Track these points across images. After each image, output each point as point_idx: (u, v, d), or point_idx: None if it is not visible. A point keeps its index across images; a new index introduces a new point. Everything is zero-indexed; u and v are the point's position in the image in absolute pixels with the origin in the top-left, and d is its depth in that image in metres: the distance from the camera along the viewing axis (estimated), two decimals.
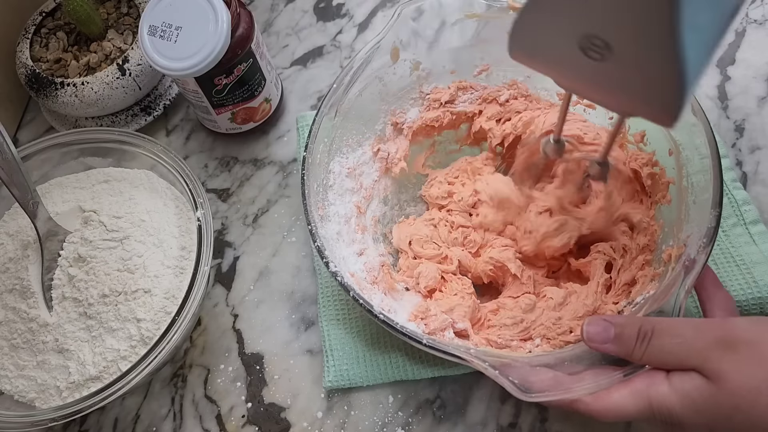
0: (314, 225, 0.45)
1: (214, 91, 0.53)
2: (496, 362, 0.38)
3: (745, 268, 0.47)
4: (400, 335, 0.40)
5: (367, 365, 0.48)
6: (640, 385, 0.35)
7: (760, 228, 0.49)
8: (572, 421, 0.46)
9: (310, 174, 0.47)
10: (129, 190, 0.52)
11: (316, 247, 0.44)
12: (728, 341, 0.33)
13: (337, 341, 0.49)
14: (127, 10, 0.62)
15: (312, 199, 0.46)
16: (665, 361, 0.34)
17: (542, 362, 0.39)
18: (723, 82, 0.59)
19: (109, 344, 0.46)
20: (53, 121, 0.63)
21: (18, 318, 0.47)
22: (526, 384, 0.36)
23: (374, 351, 0.49)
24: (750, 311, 0.45)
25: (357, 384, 0.48)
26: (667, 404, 0.34)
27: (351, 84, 0.49)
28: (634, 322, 0.36)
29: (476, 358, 0.38)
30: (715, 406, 0.32)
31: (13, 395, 0.46)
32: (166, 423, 0.50)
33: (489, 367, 0.37)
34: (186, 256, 0.49)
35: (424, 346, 0.40)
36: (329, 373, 0.48)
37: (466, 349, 0.40)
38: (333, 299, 0.51)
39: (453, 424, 0.47)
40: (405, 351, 0.48)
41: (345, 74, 0.49)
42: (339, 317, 0.50)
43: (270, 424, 0.49)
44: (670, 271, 0.41)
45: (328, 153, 0.50)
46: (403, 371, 0.48)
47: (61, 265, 0.48)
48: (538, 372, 0.38)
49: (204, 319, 0.53)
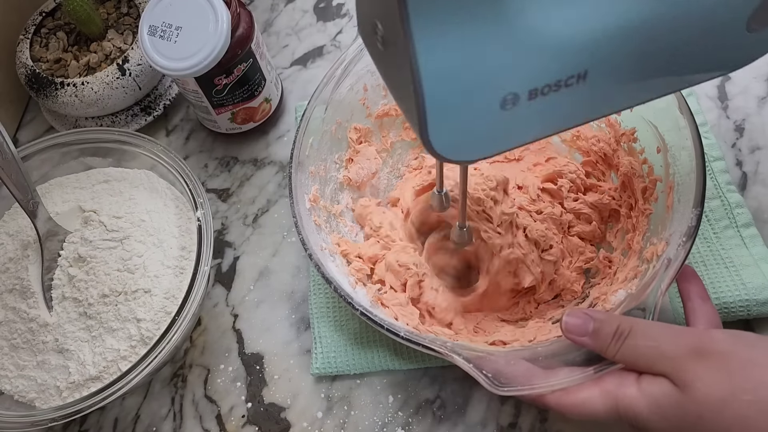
0: (299, 217, 0.46)
1: (214, 91, 0.53)
2: (471, 355, 0.39)
3: (734, 270, 0.47)
4: (380, 328, 0.41)
5: (354, 354, 0.49)
6: (610, 386, 0.35)
7: (752, 231, 0.49)
8: (572, 421, 0.46)
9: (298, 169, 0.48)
10: (129, 190, 0.52)
11: (300, 239, 0.45)
12: (701, 351, 0.33)
13: (326, 329, 0.50)
14: (127, 10, 0.62)
15: (299, 192, 0.47)
16: (636, 362, 0.34)
17: (518, 356, 0.39)
18: (723, 82, 0.59)
19: (109, 344, 0.46)
20: (53, 121, 0.63)
21: (18, 318, 0.47)
22: (500, 377, 0.37)
23: (362, 340, 0.49)
24: (737, 313, 0.46)
25: (344, 372, 0.49)
26: (634, 407, 0.34)
27: (342, 78, 0.49)
28: (613, 320, 0.36)
29: (452, 351, 0.39)
30: (680, 414, 0.32)
31: (13, 395, 0.46)
32: (166, 423, 0.50)
33: (463, 361, 0.38)
34: (186, 256, 0.49)
35: (402, 338, 0.40)
36: (317, 360, 0.49)
37: (443, 343, 0.40)
38: (323, 288, 0.52)
39: (453, 424, 0.47)
40: (390, 341, 0.49)
41: (336, 68, 0.49)
42: (329, 305, 0.51)
43: (270, 424, 0.49)
44: (651, 268, 0.41)
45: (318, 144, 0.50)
46: (390, 361, 0.48)
47: (61, 265, 0.48)
48: (513, 365, 0.38)
49: (204, 319, 0.53)
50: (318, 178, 0.51)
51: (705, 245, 0.49)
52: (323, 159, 0.51)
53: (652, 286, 0.38)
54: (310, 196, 0.49)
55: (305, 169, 0.49)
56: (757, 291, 0.46)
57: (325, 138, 0.51)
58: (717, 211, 0.50)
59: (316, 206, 0.49)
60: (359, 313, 0.42)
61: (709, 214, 0.50)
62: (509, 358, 0.39)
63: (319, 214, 0.49)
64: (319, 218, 0.49)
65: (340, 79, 0.50)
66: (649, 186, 0.47)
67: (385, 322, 0.41)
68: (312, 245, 0.45)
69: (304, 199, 0.47)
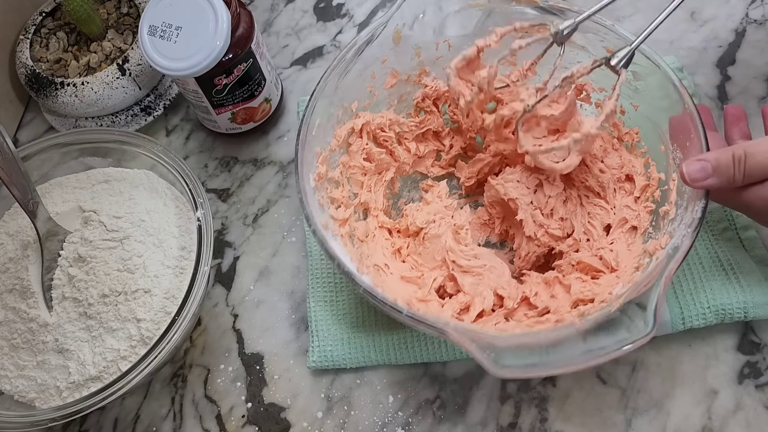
0: (304, 193, 0.45)
1: (214, 91, 0.53)
2: (474, 336, 0.38)
3: (732, 272, 0.47)
4: (382, 305, 0.40)
5: (351, 347, 0.49)
6: None
7: (751, 234, 0.49)
8: (572, 422, 0.46)
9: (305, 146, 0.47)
10: (129, 190, 0.52)
11: (305, 215, 0.44)
12: None
13: (324, 322, 0.50)
14: (127, 10, 0.62)
15: (304, 169, 0.46)
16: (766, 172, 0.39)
17: (521, 342, 0.39)
18: (723, 82, 0.59)
19: (109, 344, 0.46)
20: (53, 121, 0.63)
21: (18, 318, 0.47)
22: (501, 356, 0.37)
23: (359, 334, 0.49)
24: (734, 315, 0.46)
25: (340, 365, 0.49)
26: None
27: (352, 63, 0.49)
28: (725, 151, 0.39)
29: (455, 330, 0.38)
30: None
31: (13, 395, 0.46)
32: (166, 423, 0.50)
33: (467, 339, 0.37)
34: (186, 256, 0.49)
35: (405, 316, 0.39)
36: (313, 354, 0.49)
37: (446, 323, 0.39)
38: (322, 280, 0.52)
39: (453, 424, 0.47)
40: (389, 335, 0.49)
41: (346, 52, 0.49)
42: (326, 299, 0.51)
43: (270, 424, 0.49)
44: (654, 260, 0.41)
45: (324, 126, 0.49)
46: (386, 355, 0.48)
47: (61, 265, 0.48)
48: None
49: (204, 319, 0.53)
50: (323, 159, 0.50)
51: (703, 247, 0.49)
52: (328, 141, 0.50)
53: (654, 278, 0.38)
54: (314, 175, 0.48)
55: (311, 148, 0.48)
56: (755, 294, 0.46)
57: (332, 121, 0.50)
58: (716, 213, 0.50)
59: (321, 186, 0.48)
60: (362, 290, 0.40)
61: (708, 216, 0.50)
62: (512, 342, 0.39)
63: (323, 195, 0.48)
64: (323, 199, 0.48)
65: (350, 65, 0.49)
66: (651, 183, 0.47)
67: (387, 301, 0.40)
68: (316, 222, 0.44)
69: (309, 177, 0.47)
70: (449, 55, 0.53)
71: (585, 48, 0.49)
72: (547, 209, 0.49)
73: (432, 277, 0.48)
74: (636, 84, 0.47)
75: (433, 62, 0.53)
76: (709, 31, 0.62)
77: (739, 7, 0.63)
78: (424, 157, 0.56)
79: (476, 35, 0.51)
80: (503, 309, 0.47)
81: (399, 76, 0.53)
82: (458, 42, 0.52)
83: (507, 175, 0.50)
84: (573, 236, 0.49)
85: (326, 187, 0.49)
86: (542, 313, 0.46)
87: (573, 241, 0.49)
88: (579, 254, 0.48)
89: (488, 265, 0.48)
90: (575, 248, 0.49)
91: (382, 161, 0.53)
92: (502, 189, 0.50)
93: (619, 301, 0.39)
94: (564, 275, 0.47)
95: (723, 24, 0.62)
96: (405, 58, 0.52)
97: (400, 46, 0.51)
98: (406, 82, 0.54)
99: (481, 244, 0.53)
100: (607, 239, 0.48)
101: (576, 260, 0.47)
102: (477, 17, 0.51)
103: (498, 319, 0.46)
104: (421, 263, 0.49)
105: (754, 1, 0.63)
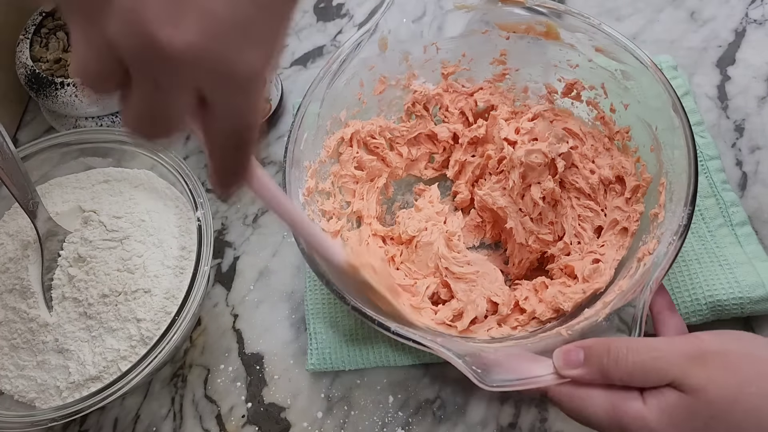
0: None
1: None
2: (462, 350, 0.38)
3: (728, 268, 0.47)
4: (370, 323, 0.40)
5: (349, 350, 0.49)
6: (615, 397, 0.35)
7: (747, 230, 0.49)
8: (572, 422, 0.46)
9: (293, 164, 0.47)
10: (129, 190, 0.52)
11: (294, 236, 0.44)
12: (697, 355, 0.33)
13: (321, 325, 0.50)
14: None
15: (293, 187, 0.46)
16: (646, 377, 0.34)
17: (510, 353, 0.39)
18: (723, 82, 0.59)
19: (109, 344, 0.46)
20: (53, 121, 0.63)
21: (18, 318, 0.47)
22: (491, 368, 0.37)
23: (357, 336, 0.49)
24: (731, 311, 0.46)
25: (339, 368, 0.49)
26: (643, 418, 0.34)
27: (338, 73, 0.49)
28: (601, 341, 0.36)
29: (442, 346, 0.38)
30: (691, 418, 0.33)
31: (13, 395, 0.46)
32: (166, 423, 0.50)
33: (453, 356, 0.37)
34: (186, 256, 0.49)
35: (392, 333, 0.39)
36: (312, 356, 0.49)
37: (433, 338, 0.40)
38: (319, 284, 0.51)
39: (453, 424, 0.47)
40: (386, 337, 0.48)
41: (332, 62, 0.49)
42: (324, 301, 0.51)
43: (270, 424, 0.49)
44: (641, 267, 0.41)
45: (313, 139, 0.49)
46: (385, 357, 0.48)
47: (61, 265, 0.48)
48: (504, 355, 0.38)
49: (204, 319, 0.53)
50: (313, 172, 0.50)
51: (699, 243, 0.49)
52: (317, 154, 0.50)
53: (642, 284, 0.38)
54: (303, 190, 0.48)
55: (300, 165, 0.48)
56: (750, 289, 0.46)
57: (320, 133, 0.50)
58: (712, 210, 0.50)
59: (311, 200, 0.49)
60: (350, 308, 0.41)
61: (704, 212, 0.50)
62: (500, 354, 0.39)
63: (313, 209, 0.49)
64: (313, 213, 0.48)
65: (336, 74, 0.49)
66: (642, 184, 0.47)
67: (376, 318, 0.40)
68: None
69: (298, 194, 0.47)
70: (437, 57, 0.53)
71: (574, 47, 0.49)
72: (536, 213, 0.50)
73: (425, 285, 0.48)
74: (626, 83, 0.47)
75: (422, 65, 0.53)
76: (709, 31, 0.62)
77: (739, 7, 0.63)
78: (417, 160, 0.56)
79: (465, 37, 0.51)
80: (496, 315, 0.47)
81: (387, 81, 0.53)
82: (447, 45, 0.52)
83: (493, 183, 0.51)
84: (564, 239, 0.49)
85: (317, 200, 0.49)
86: (531, 317, 0.46)
87: (564, 245, 0.49)
88: (569, 257, 0.48)
89: (481, 272, 0.48)
90: (566, 251, 0.49)
91: (373, 168, 0.53)
92: (490, 199, 0.50)
93: (605, 311, 0.40)
94: (553, 279, 0.48)
95: (723, 24, 0.62)
96: (393, 63, 0.52)
97: (386, 52, 0.51)
98: (394, 87, 0.54)
99: (476, 245, 0.53)
100: (598, 242, 0.48)
101: (563, 264, 0.48)
102: (466, 19, 0.51)
103: (491, 325, 0.46)
104: (414, 270, 0.50)
105: (754, 1, 0.63)
